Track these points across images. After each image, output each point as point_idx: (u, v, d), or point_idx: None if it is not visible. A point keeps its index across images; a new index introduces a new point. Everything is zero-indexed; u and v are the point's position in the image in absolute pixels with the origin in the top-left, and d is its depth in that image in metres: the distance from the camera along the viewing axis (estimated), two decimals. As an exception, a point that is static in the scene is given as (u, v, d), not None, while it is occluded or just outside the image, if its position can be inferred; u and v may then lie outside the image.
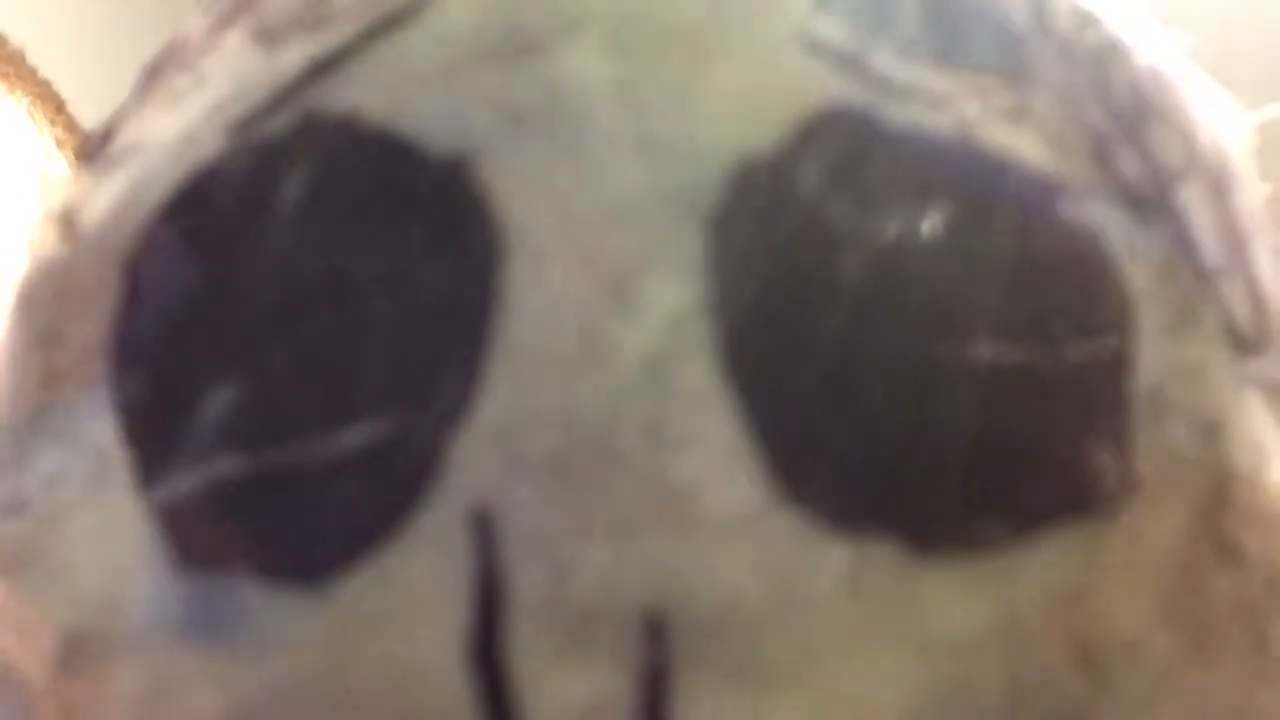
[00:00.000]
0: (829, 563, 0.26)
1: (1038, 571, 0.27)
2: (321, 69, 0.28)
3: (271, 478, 0.27)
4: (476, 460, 0.27)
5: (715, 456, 0.26)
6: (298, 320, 0.27)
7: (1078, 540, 0.27)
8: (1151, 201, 0.28)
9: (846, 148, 0.27)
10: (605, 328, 0.27)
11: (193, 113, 0.29)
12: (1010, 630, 0.26)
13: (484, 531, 0.27)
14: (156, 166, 0.29)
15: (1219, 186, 0.29)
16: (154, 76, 0.31)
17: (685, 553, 0.26)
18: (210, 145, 0.29)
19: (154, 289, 0.28)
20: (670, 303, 0.27)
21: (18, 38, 0.82)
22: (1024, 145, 0.27)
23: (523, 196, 0.27)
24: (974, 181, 0.27)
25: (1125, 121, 0.28)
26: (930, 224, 0.27)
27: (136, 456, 0.28)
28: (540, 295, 0.27)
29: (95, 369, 0.28)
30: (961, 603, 0.26)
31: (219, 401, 0.27)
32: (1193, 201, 0.28)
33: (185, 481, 0.27)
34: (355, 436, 0.27)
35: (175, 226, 0.29)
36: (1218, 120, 0.30)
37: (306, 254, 0.27)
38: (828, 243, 0.26)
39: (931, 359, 0.26)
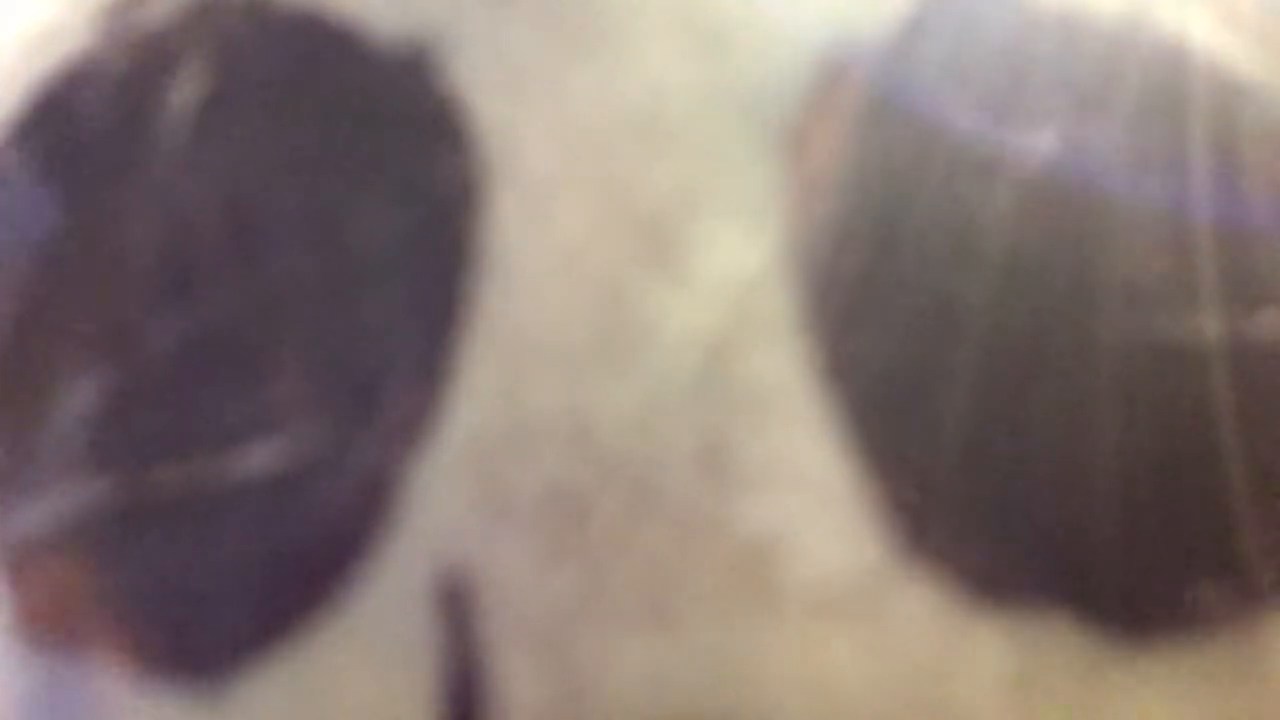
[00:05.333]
0: (977, 652, 0.23)
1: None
2: None
3: (145, 514, 0.24)
4: (445, 494, 0.23)
5: (804, 494, 0.23)
6: (189, 282, 0.24)
7: None
8: None
9: (980, 36, 0.24)
10: (636, 299, 0.23)
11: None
12: None
13: (455, 602, 0.23)
14: (4, 68, 0.27)
15: None
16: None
17: (762, 640, 0.23)
18: (75, 38, 0.26)
19: None
20: (733, 261, 0.23)
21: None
22: (1198, 26, 0.25)
23: (511, 105, 0.24)
24: (1158, 80, 0.24)
25: None
26: (1107, 137, 0.24)
27: None
28: (538, 251, 0.24)
29: None
30: (1169, 707, 0.23)
31: (76, 401, 0.24)
32: None
33: (28, 517, 0.25)
34: (267, 456, 0.24)
35: (28, 149, 0.26)
36: None
37: (201, 187, 0.25)
38: (962, 169, 0.24)
39: (1130, 341, 0.23)
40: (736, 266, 0.24)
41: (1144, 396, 0.23)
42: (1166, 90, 0.24)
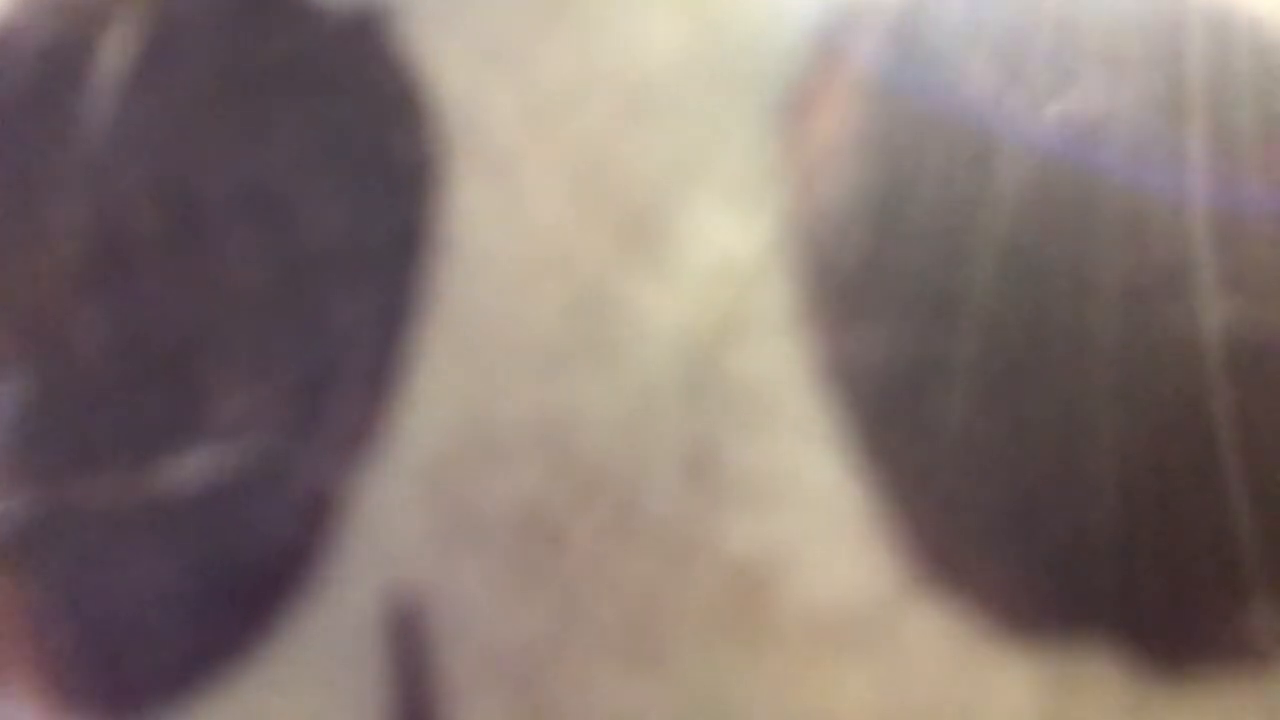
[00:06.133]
0: (1003, 688, 0.22)
1: None
2: None
3: (65, 531, 0.23)
4: (398, 513, 0.23)
5: (805, 511, 0.22)
6: (118, 272, 0.24)
7: None
8: None
9: (986, 5, 0.24)
10: (617, 291, 0.23)
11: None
12: None
13: (408, 635, 0.22)
14: None
15: None
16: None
17: (757, 677, 0.22)
18: None
19: None
20: (725, 249, 0.23)
21: None
22: None
23: (476, 75, 0.23)
24: (1160, 41, 0.24)
25: None
26: (1115, 103, 0.23)
27: None
28: (506, 237, 0.23)
29: None
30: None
31: None
32: None
33: None
34: (200, 468, 0.23)
35: None
36: None
37: (132, 165, 0.24)
38: (963, 159, 0.23)
39: (1129, 335, 0.22)
40: (729, 255, 0.23)
41: (1143, 394, 0.23)
42: (1168, 48, 0.24)
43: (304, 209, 0.23)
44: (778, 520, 0.22)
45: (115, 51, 0.24)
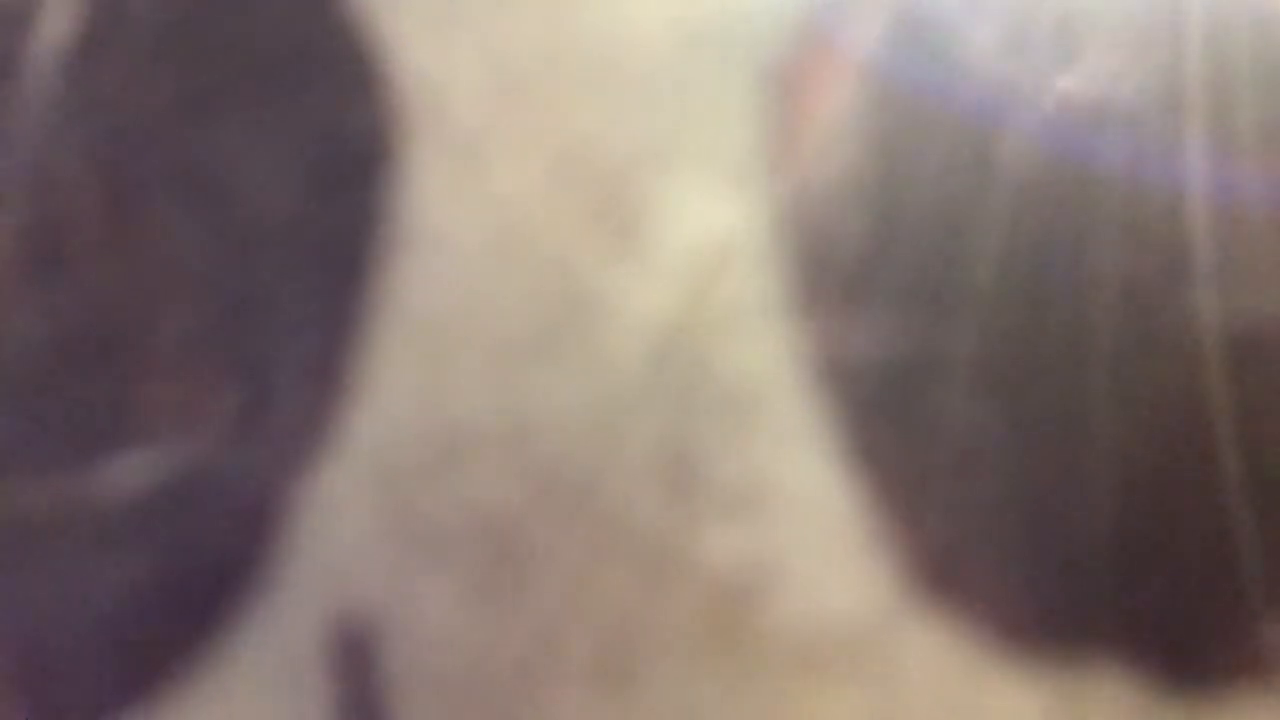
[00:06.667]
0: (1006, 708, 0.22)
1: None
2: None
3: None
4: (348, 521, 0.22)
5: (793, 520, 0.22)
6: (56, 259, 0.23)
7: None
8: None
9: None
10: (587, 276, 0.22)
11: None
12: None
13: (357, 652, 0.22)
14: None
15: None
16: None
17: (740, 698, 0.22)
18: None
19: None
20: (705, 229, 0.22)
21: None
22: None
23: (436, 45, 0.23)
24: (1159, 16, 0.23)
25: None
26: (1137, 87, 0.23)
27: None
28: (467, 218, 0.22)
29: None
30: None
31: None
32: None
33: None
34: (136, 473, 0.22)
35: None
36: None
37: (71, 143, 0.23)
38: (963, 151, 0.22)
39: (1126, 332, 0.22)
40: (711, 239, 0.22)
41: (1141, 391, 0.23)
42: (1168, 36, 0.23)
43: (248, 189, 0.22)
44: (763, 531, 0.22)
45: (54, 22, 0.23)
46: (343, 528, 0.22)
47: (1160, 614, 0.23)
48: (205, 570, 0.22)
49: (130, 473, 0.22)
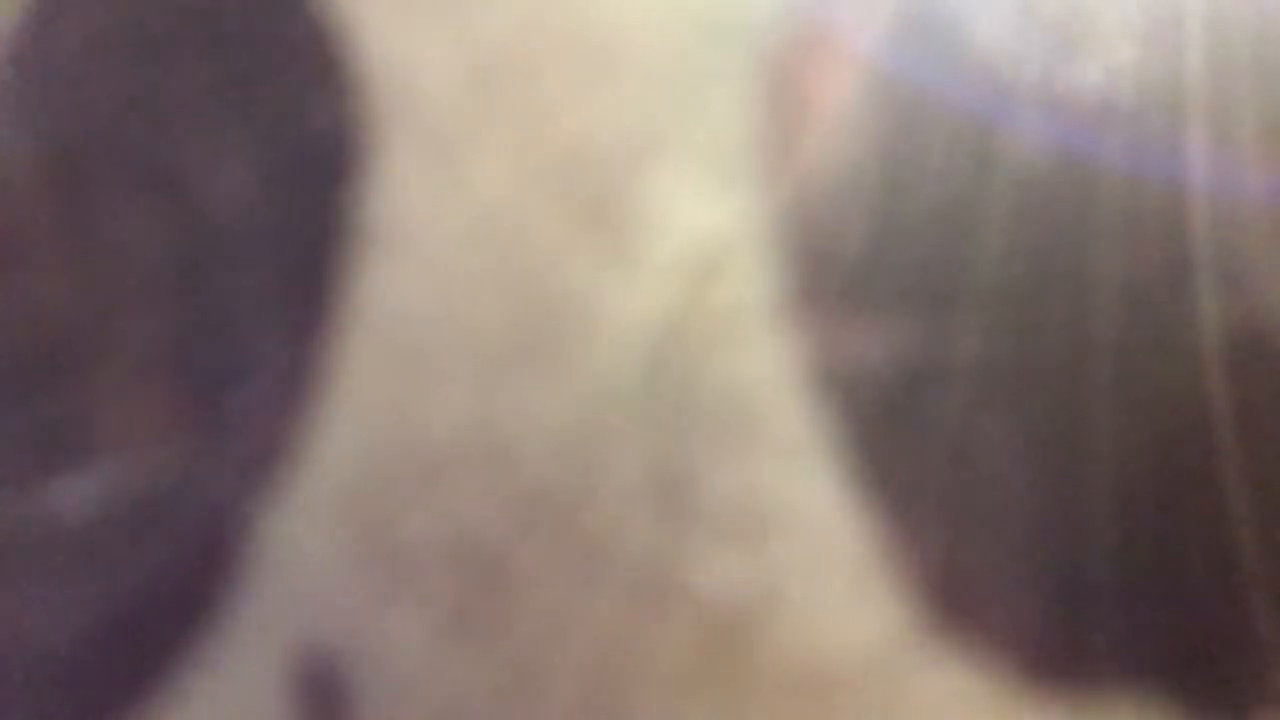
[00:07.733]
0: None
1: None
2: None
3: None
4: (314, 547, 0.21)
5: (793, 543, 0.21)
6: (8, 263, 0.22)
7: None
8: None
9: None
10: (570, 278, 0.22)
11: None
12: None
13: (324, 689, 0.21)
14: None
15: None
16: None
17: None
18: None
19: None
20: (694, 226, 0.22)
21: None
22: None
23: (408, 31, 0.22)
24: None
25: None
26: (1138, 85, 0.22)
27: None
28: (442, 217, 0.22)
29: None
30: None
31: None
32: None
33: None
34: (86, 496, 0.22)
35: None
36: None
37: (24, 138, 0.23)
38: (964, 148, 0.22)
39: (1127, 334, 0.22)
40: (701, 239, 0.22)
41: (1142, 390, 0.22)
42: (1168, 33, 0.23)
43: (206, 186, 0.22)
44: (760, 554, 0.21)
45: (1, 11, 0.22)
46: (309, 554, 0.22)
47: (1172, 642, 0.22)
48: (158, 601, 0.22)
49: (80, 495, 0.21)
